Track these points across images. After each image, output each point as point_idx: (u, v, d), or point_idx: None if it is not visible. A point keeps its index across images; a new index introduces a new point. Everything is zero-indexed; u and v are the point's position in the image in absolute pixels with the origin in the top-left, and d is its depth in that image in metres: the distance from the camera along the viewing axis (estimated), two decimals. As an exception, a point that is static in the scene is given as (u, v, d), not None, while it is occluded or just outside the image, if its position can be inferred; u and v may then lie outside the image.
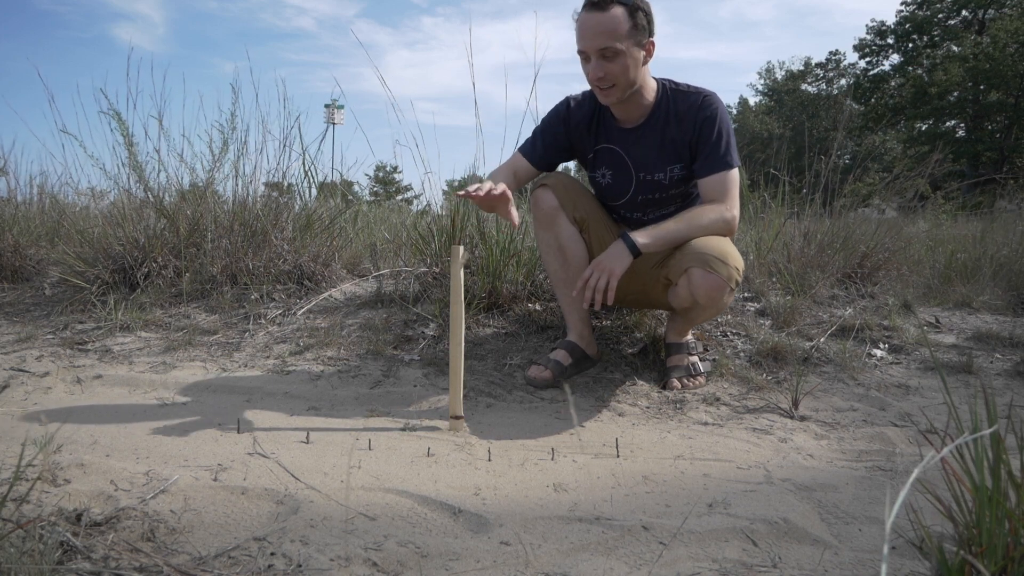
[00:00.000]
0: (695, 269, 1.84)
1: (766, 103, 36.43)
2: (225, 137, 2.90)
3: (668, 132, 1.95)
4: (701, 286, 1.84)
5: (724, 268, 1.82)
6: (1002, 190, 5.43)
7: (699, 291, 1.85)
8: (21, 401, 1.85)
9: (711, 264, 1.82)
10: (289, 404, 1.87)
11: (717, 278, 1.82)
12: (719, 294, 1.85)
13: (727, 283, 1.83)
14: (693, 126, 1.92)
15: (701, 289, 1.84)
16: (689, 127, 1.93)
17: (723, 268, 1.82)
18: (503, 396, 1.98)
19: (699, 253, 1.84)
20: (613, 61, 1.80)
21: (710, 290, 1.83)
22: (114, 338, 2.35)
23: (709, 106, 1.92)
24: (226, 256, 2.75)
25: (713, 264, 1.82)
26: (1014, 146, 22.19)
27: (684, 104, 1.94)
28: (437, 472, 1.41)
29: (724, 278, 1.82)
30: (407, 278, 2.72)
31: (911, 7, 26.17)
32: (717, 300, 1.87)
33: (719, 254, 1.83)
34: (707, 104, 1.92)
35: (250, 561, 1.01)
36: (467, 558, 1.04)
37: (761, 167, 4.00)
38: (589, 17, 1.80)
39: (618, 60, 1.80)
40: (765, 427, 1.78)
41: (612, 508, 1.25)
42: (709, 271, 1.82)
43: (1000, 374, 2.17)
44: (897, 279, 3.08)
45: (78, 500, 1.16)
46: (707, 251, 1.83)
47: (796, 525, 1.17)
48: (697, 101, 1.93)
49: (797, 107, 32.84)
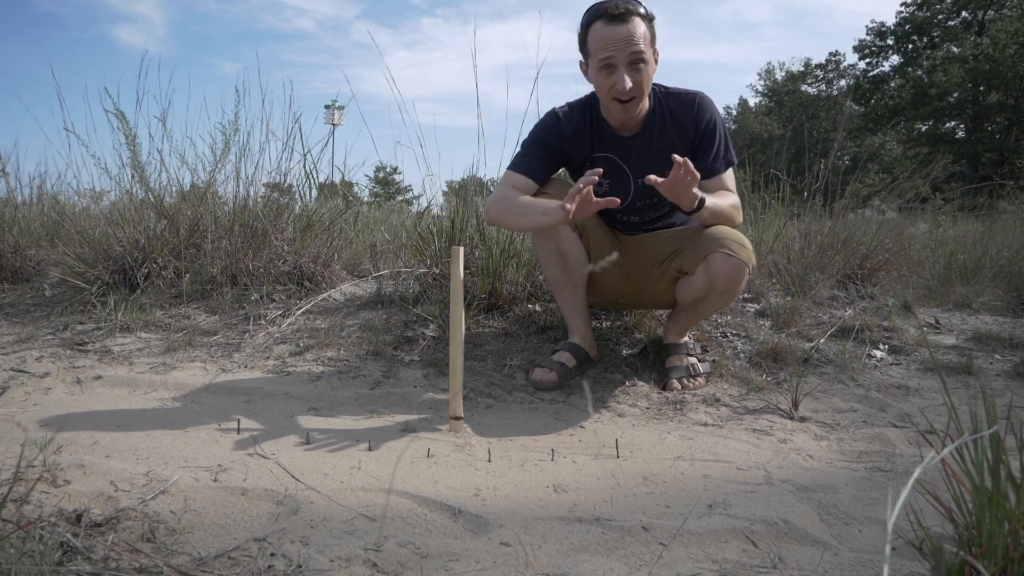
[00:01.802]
0: (716, 253, 1.88)
1: (766, 104, 36.46)
2: (227, 138, 2.90)
3: (666, 136, 1.97)
4: (722, 270, 1.87)
5: (743, 250, 1.88)
6: (1002, 191, 5.43)
7: (719, 275, 1.88)
8: (21, 402, 1.85)
9: (730, 247, 1.87)
10: (289, 405, 1.87)
11: (737, 260, 1.86)
12: (739, 276, 1.89)
13: (746, 264, 1.88)
14: (695, 130, 1.95)
15: (722, 273, 1.87)
16: (690, 132, 1.96)
17: (742, 251, 1.88)
18: (503, 397, 1.98)
19: (717, 239, 1.90)
20: (640, 71, 1.83)
21: (731, 273, 1.87)
22: (114, 339, 2.35)
23: (707, 110, 1.95)
24: (226, 257, 2.75)
25: (732, 247, 1.87)
26: (1014, 147, 22.21)
27: (678, 106, 1.96)
28: (437, 473, 1.41)
29: (744, 260, 1.87)
30: (407, 279, 2.73)
31: (911, 8, 26.20)
32: (736, 284, 1.91)
33: (736, 238, 1.90)
34: (704, 107, 1.95)
35: (250, 562, 1.01)
36: (467, 559, 1.04)
37: (761, 168, 4.00)
38: (613, 29, 1.80)
39: (645, 70, 1.84)
40: (765, 428, 1.78)
41: (612, 509, 1.25)
42: (730, 254, 1.86)
43: (1000, 375, 2.17)
44: (897, 280, 3.08)
45: (78, 501, 1.16)
46: (725, 236, 1.90)
47: (796, 526, 1.17)
48: (692, 102, 1.95)
49: (797, 108, 32.86)
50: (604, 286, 2.18)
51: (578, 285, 2.08)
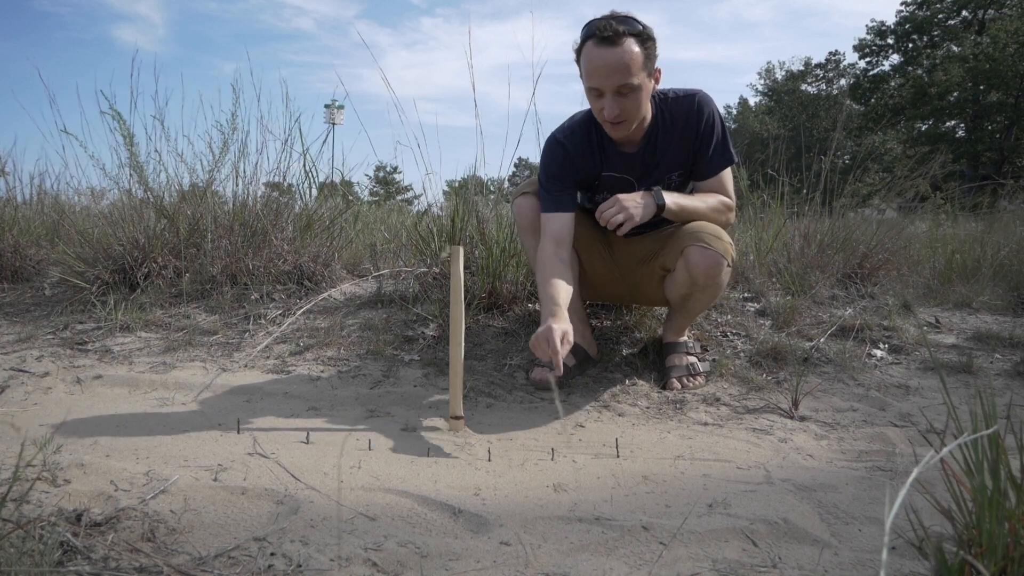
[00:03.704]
0: (691, 247, 1.88)
1: (766, 103, 36.45)
2: (225, 137, 2.90)
3: (671, 145, 1.94)
4: (699, 264, 1.87)
5: (719, 243, 1.88)
6: (1002, 190, 5.42)
7: (697, 269, 1.88)
8: (21, 401, 1.85)
9: (706, 240, 1.87)
10: (289, 404, 1.87)
11: (714, 253, 1.86)
12: (717, 270, 1.88)
13: (723, 257, 1.88)
14: (696, 134, 1.92)
15: (700, 267, 1.87)
16: (692, 136, 1.92)
17: (718, 243, 1.88)
18: (503, 396, 1.98)
19: (693, 233, 1.90)
20: (628, 97, 1.77)
21: (708, 267, 1.87)
22: (114, 338, 2.35)
23: (705, 109, 1.91)
24: (226, 256, 2.75)
25: (708, 240, 1.87)
26: (1014, 146, 22.20)
27: (678, 109, 1.93)
28: (437, 472, 1.41)
29: (720, 252, 1.87)
30: (407, 278, 2.72)
31: (911, 7, 26.19)
32: (715, 278, 1.90)
33: (712, 232, 1.90)
34: (702, 107, 1.91)
35: (250, 561, 1.01)
36: (467, 558, 1.04)
37: (761, 167, 4.00)
38: (602, 53, 1.72)
39: (633, 95, 1.77)
40: (765, 427, 1.78)
41: (612, 508, 1.25)
42: (706, 247, 1.87)
43: (1000, 374, 2.17)
44: (897, 279, 3.08)
45: (78, 500, 1.16)
46: (700, 230, 1.90)
47: (796, 525, 1.17)
48: (692, 105, 1.91)
49: (797, 107, 32.85)
50: (598, 286, 2.18)
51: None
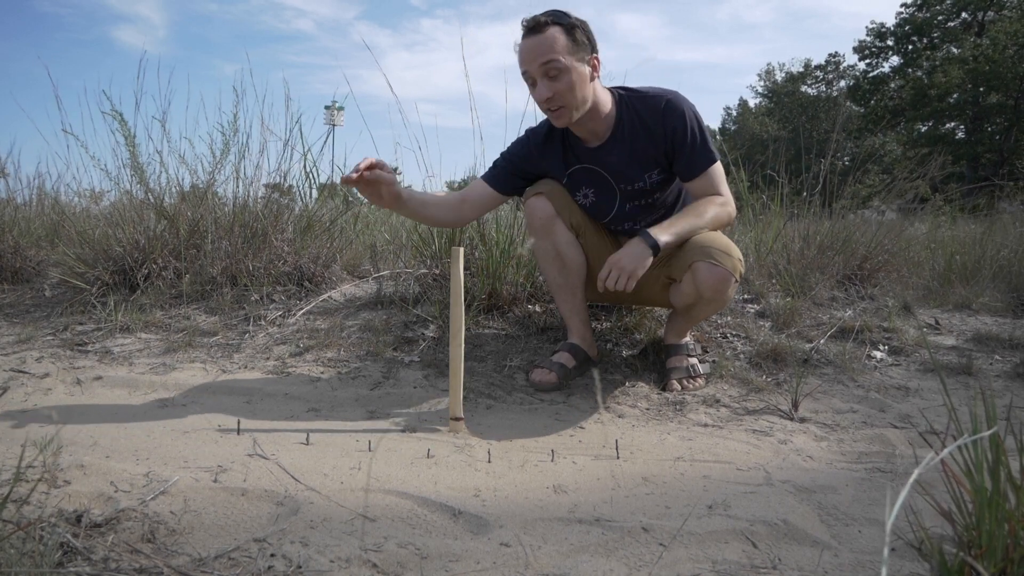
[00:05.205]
0: (700, 263, 1.86)
1: (766, 105, 36.47)
2: (226, 139, 2.90)
3: (638, 142, 1.92)
4: (707, 280, 1.86)
5: (728, 260, 1.86)
6: (1002, 192, 5.43)
7: (705, 285, 1.87)
8: (21, 402, 1.85)
9: (715, 257, 1.85)
10: (289, 405, 1.87)
11: (722, 270, 1.85)
12: (725, 286, 1.87)
13: (732, 274, 1.86)
14: (663, 137, 1.89)
15: (707, 283, 1.86)
16: (659, 138, 1.90)
17: (727, 260, 1.85)
18: (503, 397, 1.98)
19: (702, 247, 1.87)
20: (558, 79, 1.80)
21: (716, 283, 1.86)
22: (114, 339, 2.35)
23: (673, 112, 1.88)
24: (226, 257, 2.75)
25: (718, 257, 1.85)
26: (1014, 148, 22.19)
27: (646, 109, 1.91)
28: (437, 473, 1.41)
29: (729, 269, 1.85)
30: (407, 280, 2.73)
31: (910, 9, 26.20)
32: (722, 293, 1.89)
33: (722, 247, 1.87)
34: (670, 110, 1.88)
35: (250, 562, 1.01)
36: (467, 559, 1.04)
37: (760, 169, 4.01)
38: (527, 41, 1.81)
39: (563, 78, 1.80)
40: (765, 429, 1.78)
41: (612, 509, 1.25)
42: (714, 264, 1.84)
43: (1000, 376, 2.17)
44: (897, 281, 3.08)
45: (78, 501, 1.16)
46: (710, 245, 1.87)
47: (796, 526, 1.17)
48: (659, 106, 1.89)
49: (797, 109, 32.87)
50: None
51: (576, 286, 2.08)
